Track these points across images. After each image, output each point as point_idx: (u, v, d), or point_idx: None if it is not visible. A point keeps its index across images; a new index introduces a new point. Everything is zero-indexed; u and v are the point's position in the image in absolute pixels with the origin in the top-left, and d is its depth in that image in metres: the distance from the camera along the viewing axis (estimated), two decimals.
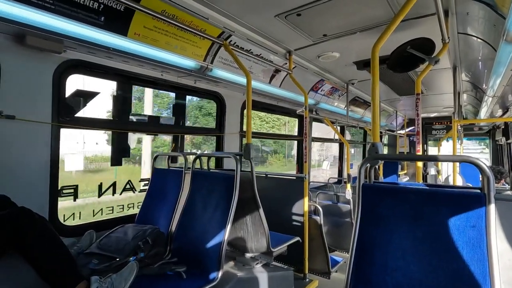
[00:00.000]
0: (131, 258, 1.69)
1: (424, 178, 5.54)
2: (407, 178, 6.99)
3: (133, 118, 2.55)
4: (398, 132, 6.97)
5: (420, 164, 2.13)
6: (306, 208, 2.61)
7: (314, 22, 2.21)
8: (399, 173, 6.28)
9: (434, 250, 1.00)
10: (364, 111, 5.47)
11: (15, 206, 1.54)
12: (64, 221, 2.04)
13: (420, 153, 2.16)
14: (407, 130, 7.20)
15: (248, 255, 2.15)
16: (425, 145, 7.63)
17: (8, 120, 1.63)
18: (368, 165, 1.25)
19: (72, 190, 2.07)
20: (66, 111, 1.97)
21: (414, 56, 2.21)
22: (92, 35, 1.73)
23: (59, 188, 1.94)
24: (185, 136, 3.10)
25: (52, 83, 1.81)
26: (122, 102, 2.39)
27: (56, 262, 1.38)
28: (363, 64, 3.12)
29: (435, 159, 1.30)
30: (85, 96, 2.31)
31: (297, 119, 4.45)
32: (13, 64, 1.64)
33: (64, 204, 2.22)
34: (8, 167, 1.65)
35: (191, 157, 2.22)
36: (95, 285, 1.41)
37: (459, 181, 3.50)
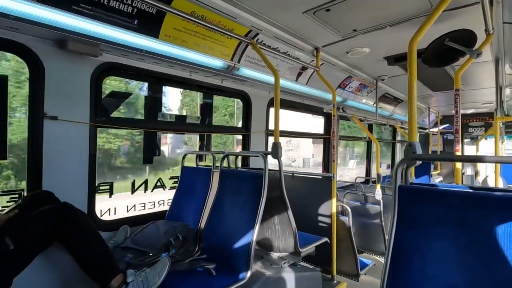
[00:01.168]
0: (163, 254, 1.74)
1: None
2: (440, 179, 6.62)
3: (162, 118, 2.62)
4: (431, 129, 6.61)
5: (459, 164, 1.99)
6: (334, 209, 2.55)
7: (343, 17, 2.14)
8: (432, 172, 5.96)
9: (481, 259, 0.93)
10: (394, 108, 5.25)
11: (58, 201, 1.64)
12: (102, 215, 2.15)
13: (459, 152, 2.03)
14: (440, 127, 6.81)
15: (275, 254, 2.14)
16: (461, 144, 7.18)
17: (51, 121, 1.74)
18: (405, 165, 1.19)
19: (108, 187, 2.18)
20: (102, 112, 2.07)
21: (452, 49, 2.07)
22: (126, 38, 1.80)
23: (96, 184, 2.05)
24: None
25: (89, 85, 1.90)
26: (152, 102, 2.47)
27: (96, 255, 1.46)
28: (395, 59, 2.99)
29: (481, 160, 1.19)
30: (118, 97, 2.42)
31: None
32: (56, 68, 1.75)
33: None
34: (52, 165, 1.76)
35: (219, 156, 2.25)
36: (131, 278, 1.48)
37: (500, 183, 3.25)
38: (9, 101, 1.74)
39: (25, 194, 1.79)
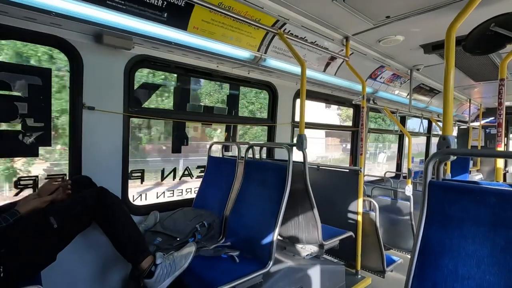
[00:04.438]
0: (190, 239, 1.82)
1: (503, 176, 4.82)
2: (480, 176, 6.17)
3: (190, 108, 2.69)
4: (472, 123, 6.14)
5: (501, 162, 1.84)
6: (360, 203, 2.49)
7: (376, 3, 2.03)
8: (470, 169, 5.56)
9: None
10: (429, 100, 4.94)
11: (95, 185, 1.77)
12: (134, 200, 2.29)
13: (501, 148, 1.88)
14: (482, 121, 6.31)
15: (298, 245, 2.15)
16: (505, 139, 6.60)
17: (89, 111, 1.86)
18: (437, 160, 1.13)
19: (139, 174, 2.30)
20: (134, 102, 2.17)
21: (499, 36, 1.90)
22: (156, 31, 1.85)
23: (129, 171, 2.17)
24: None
25: (123, 77, 2.00)
26: (181, 93, 2.54)
27: (129, 237, 1.56)
28: (432, 47, 2.79)
29: None
30: (149, 88, 2.52)
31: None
32: (92, 61, 1.86)
33: None
34: (90, 152, 1.89)
35: (244, 147, 2.28)
36: (159, 260, 1.57)
37: None
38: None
39: (67, 179, 1.95)
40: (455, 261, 0.99)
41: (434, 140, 6.22)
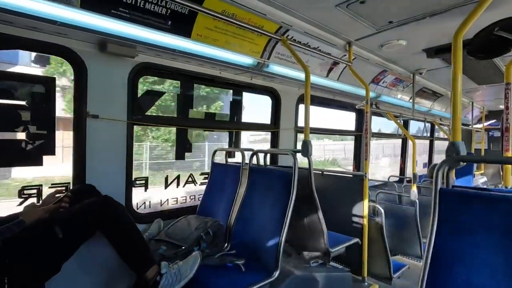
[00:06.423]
0: (195, 248, 1.80)
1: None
2: (484, 179, 6.12)
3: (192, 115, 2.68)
4: (474, 126, 6.12)
5: (509, 166, 1.82)
6: (366, 209, 2.46)
7: (378, 8, 2.03)
8: (474, 172, 5.52)
9: None
10: (432, 103, 4.93)
11: (99, 194, 1.76)
12: (137, 208, 2.27)
13: (509, 152, 1.85)
14: (485, 124, 6.28)
15: (304, 253, 2.13)
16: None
17: (93, 119, 1.86)
18: (447, 167, 1.11)
19: (143, 181, 2.29)
20: (138, 110, 2.17)
21: (503, 40, 1.89)
22: (160, 39, 1.86)
23: (133, 179, 2.16)
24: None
25: (127, 85, 2.00)
26: (184, 100, 2.53)
27: (134, 246, 1.54)
28: (435, 51, 2.79)
29: None
30: (153, 96, 2.52)
31: None
32: (96, 70, 1.86)
33: None
34: (94, 160, 1.88)
35: (248, 153, 2.26)
36: (164, 269, 1.54)
37: None
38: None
39: (71, 187, 1.94)
40: (468, 270, 0.96)
41: (437, 143, 6.20)
